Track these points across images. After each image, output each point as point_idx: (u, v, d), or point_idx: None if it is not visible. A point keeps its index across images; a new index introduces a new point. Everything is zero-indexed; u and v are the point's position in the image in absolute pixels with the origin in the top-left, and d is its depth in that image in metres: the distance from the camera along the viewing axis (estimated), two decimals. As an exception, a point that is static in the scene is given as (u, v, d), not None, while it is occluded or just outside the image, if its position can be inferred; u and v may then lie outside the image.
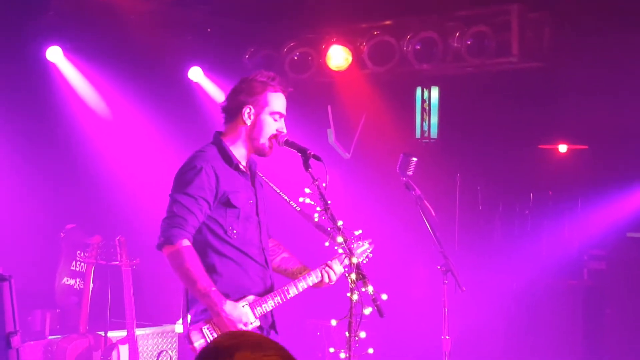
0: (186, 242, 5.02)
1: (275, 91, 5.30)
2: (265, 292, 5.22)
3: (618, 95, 9.09)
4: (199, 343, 5.03)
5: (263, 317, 5.18)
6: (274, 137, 5.27)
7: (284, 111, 5.32)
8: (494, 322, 9.67)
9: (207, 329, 5.05)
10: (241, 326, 5.00)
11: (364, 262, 5.45)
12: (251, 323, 5.08)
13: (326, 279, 5.35)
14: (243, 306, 5.10)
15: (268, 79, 5.32)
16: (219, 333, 5.02)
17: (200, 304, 5.11)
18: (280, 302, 5.22)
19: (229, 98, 5.38)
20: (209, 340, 5.00)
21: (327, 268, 5.35)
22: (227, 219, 5.18)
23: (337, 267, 5.36)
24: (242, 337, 2.30)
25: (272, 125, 5.27)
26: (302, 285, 5.30)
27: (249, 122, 5.27)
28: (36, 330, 8.61)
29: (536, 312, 9.63)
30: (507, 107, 9.73)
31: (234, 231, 5.17)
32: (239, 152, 5.32)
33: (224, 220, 5.17)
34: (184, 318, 5.17)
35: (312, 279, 5.33)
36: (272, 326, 5.30)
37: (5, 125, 9.06)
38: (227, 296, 5.03)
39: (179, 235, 5.01)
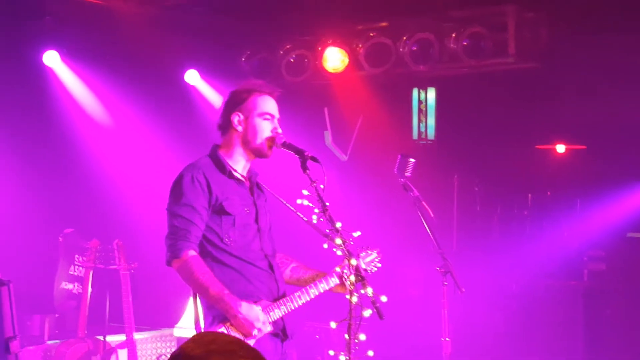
0: (192, 253, 5.07)
1: (262, 94, 5.32)
2: (271, 296, 5.21)
3: (615, 95, 9.08)
4: None
5: (274, 323, 5.16)
6: (271, 138, 5.27)
7: (274, 112, 5.33)
8: (493, 323, 9.66)
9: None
10: (259, 325, 5.01)
11: (373, 271, 5.50)
12: (265, 324, 5.07)
13: (337, 287, 5.33)
14: None
15: (253, 86, 5.35)
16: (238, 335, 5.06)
17: (209, 314, 5.14)
18: (293, 307, 5.23)
19: (221, 113, 5.41)
20: None
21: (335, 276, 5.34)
22: (223, 227, 5.19)
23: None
24: (213, 344, 2.18)
25: (265, 126, 5.28)
26: (313, 291, 5.30)
27: (240, 129, 5.29)
28: (35, 335, 8.59)
29: (536, 313, 9.62)
30: (504, 107, 9.73)
31: (231, 239, 5.19)
32: (237, 162, 5.33)
33: (220, 229, 5.19)
34: (197, 324, 5.19)
35: (324, 285, 5.33)
36: (284, 331, 5.28)
37: (3, 130, 9.06)
38: None
39: (183, 247, 5.06)
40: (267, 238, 5.37)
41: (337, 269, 5.35)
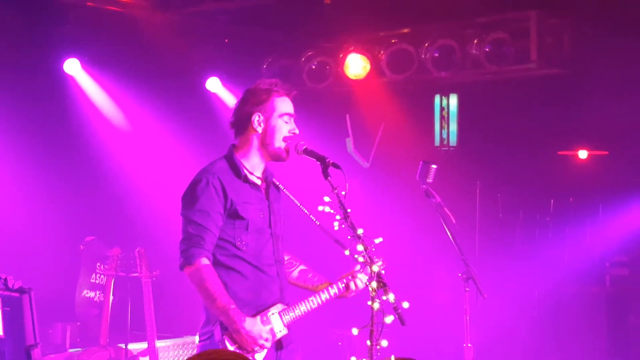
0: (205, 261, 5.08)
1: (280, 95, 5.34)
2: (273, 304, 5.22)
3: (638, 100, 9.03)
4: (233, 348, 5.09)
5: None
6: (289, 139, 5.28)
7: (292, 112, 5.36)
8: (516, 329, 9.62)
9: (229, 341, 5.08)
10: (262, 342, 5.04)
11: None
12: (268, 340, 5.08)
13: (352, 287, 5.35)
14: (273, 314, 5.17)
15: (271, 85, 5.35)
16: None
17: (205, 314, 5.23)
18: (307, 310, 5.27)
19: (235, 112, 5.43)
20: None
21: (350, 279, 5.35)
22: (236, 231, 5.21)
23: (362, 277, 5.36)
24: (213, 353, 2.32)
25: (284, 128, 5.30)
26: (324, 296, 5.34)
27: (260, 130, 5.30)
28: (57, 343, 8.61)
29: (559, 320, 9.58)
30: (526, 113, 9.70)
31: (243, 242, 5.20)
32: (252, 163, 5.34)
33: (233, 232, 5.20)
34: (215, 326, 5.19)
35: (335, 291, 5.36)
36: (278, 341, 5.26)
37: (24, 138, 9.09)
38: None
39: (197, 254, 5.07)
40: (279, 243, 5.37)
41: (344, 277, 5.38)
